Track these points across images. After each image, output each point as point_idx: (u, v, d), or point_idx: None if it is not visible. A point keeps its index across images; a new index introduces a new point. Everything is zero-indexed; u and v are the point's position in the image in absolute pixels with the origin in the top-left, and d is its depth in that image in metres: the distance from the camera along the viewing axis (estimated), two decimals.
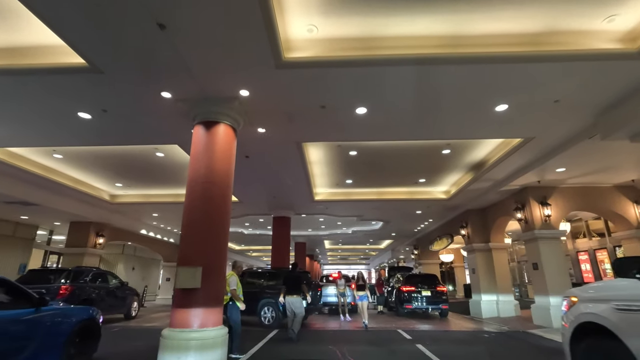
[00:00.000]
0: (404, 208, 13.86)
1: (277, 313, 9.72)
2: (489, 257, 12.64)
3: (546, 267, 9.53)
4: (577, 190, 10.19)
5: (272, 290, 9.96)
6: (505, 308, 11.89)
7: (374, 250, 31.45)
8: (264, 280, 10.78)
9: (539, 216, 9.95)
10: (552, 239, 9.81)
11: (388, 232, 20.45)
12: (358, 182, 11.49)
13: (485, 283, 12.42)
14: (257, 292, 10.12)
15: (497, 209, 12.12)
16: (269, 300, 9.87)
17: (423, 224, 17.49)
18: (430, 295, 12.16)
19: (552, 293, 9.32)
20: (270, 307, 9.84)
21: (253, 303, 9.63)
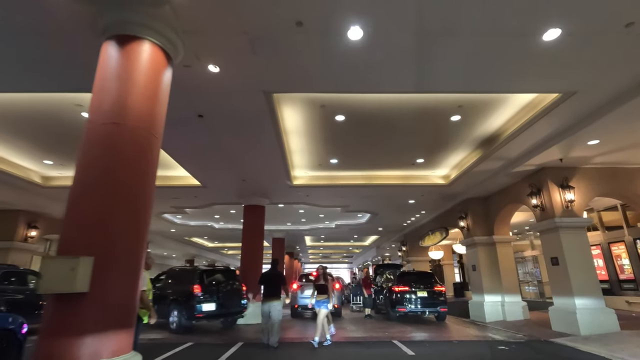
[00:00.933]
0: (395, 196, 12.08)
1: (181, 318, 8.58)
2: (493, 251, 11.02)
3: (570, 263, 7.92)
4: (602, 172, 8.65)
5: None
6: (512, 310, 10.29)
7: (357, 247, 29.74)
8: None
9: (560, 202, 8.34)
10: (576, 229, 8.22)
11: (375, 227, 18.70)
12: (345, 163, 9.60)
13: (489, 281, 10.79)
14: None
15: (504, 196, 10.50)
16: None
17: (414, 216, 15.80)
18: (426, 296, 10.42)
19: (578, 293, 7.71)
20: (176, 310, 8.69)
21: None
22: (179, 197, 12.10)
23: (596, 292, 7.78)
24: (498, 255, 10.84)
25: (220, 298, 8.92)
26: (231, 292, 9.35)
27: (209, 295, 8.70)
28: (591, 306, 7.64)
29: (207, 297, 8.64)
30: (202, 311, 8.39)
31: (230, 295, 9.28)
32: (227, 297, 9.14)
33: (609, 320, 7.55)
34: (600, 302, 7.72)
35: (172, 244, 22.65)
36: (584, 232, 8.23)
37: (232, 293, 9.36)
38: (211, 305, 8.61)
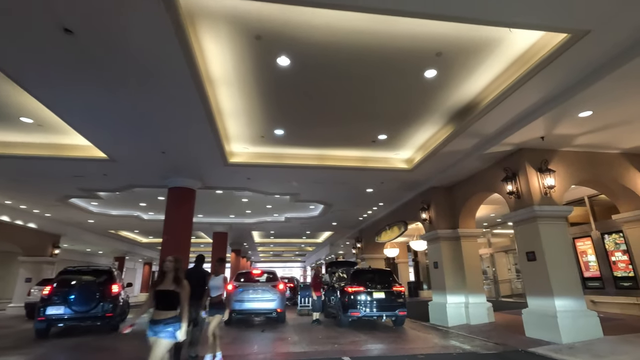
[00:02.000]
0: (352, 183, 10.51)
1: None
2: (457, 247, 9.84)
3: (549, 258, 6.78)
4: (582, 157, 7.69)
5: None
6: (476, 313, 9.12)
7: (310, 244, 28.10)
8: None
9: (538, 188, 7.22)
10: (556, 219, 7.12)
11: (328, 221, 17.11)
12: (293, 135, 7.80)
13: (452, 280, 9.57)
14: None
15: (473, 184, 9.33)
16: None
17: (371, 209, 14.41)
18: (384, 297, 8.93)
19: (559, 293, 6.58)
20: None
21: None
22: (83, 176, 9.53)
23: (577, 292, 6.71)
24: (463, 250, 9.66)
25: (74, 300, 7.77)
26: (87, 293, 8.10)
27: (58, 298, 7.62)
28: (573, 308, 6.55)
29: (56, 300, 7.58)
30: (46, 315, 7.43)
31: (85, 296, 8.03)
32: (81, 300, 7.94)
33: (592, 324, 6.50)
34: (581, 303, 6.66)
35: (94, 238, 19.38)
36: (565, 223, 7.17)
37: (88, 294, 8.08)
38: (59, 308, 7.52)
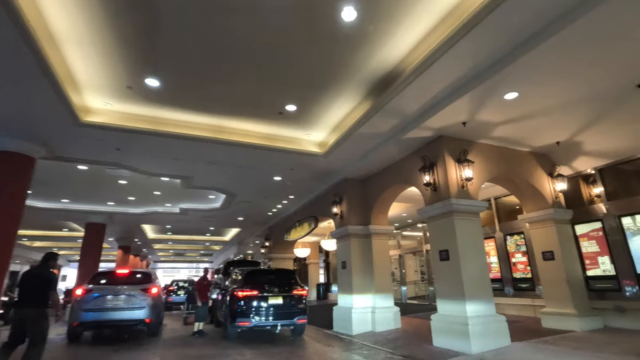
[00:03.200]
0: (257, 166, 8.88)
1: None
2: (367, 245, 8.89)
3: (463, 257, 6.07)
4: (497, 152, 7.29)
5: None
6: (383, 318, 8.23)
7: (217, 243, 25.52)
8: None
9: (456, 180, 6.53)
10: (471, 215, 6.49)
11: (234, 216, 15.15)
12: (175, 91, 5.90)
13: (360, 282, 8.57)
14: None
15: (388, 176, 8.47)
16: None
17: (281, 202, 12.93)
18: (281, 303, 7.46)
19: (472, 297, 5.88)
20: None
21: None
22: None
23: (489, 295, 6.10)
24: (373, 249, 8.74)
25: None
26: None
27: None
28: (484, 313, 5.89)
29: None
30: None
31: None
32: None
33: (501, 330, 5.92)
34: (492, 307, 6.06)
35: None
36: (479, 220, 6.58)
37: None
38: None
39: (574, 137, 7.02)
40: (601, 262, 7.19)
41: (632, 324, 6.64)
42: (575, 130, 6.73)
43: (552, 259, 7.30)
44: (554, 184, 7.61)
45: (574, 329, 6.72)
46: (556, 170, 7.63)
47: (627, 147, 6.92)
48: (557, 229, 7.36)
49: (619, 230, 6.96)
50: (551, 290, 7.31)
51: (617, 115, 6.16)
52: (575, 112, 6.04)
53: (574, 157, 7.64)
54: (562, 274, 7.11)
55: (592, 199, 7.72)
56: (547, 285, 7.41)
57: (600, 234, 7.27)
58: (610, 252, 7.04)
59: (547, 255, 7.39)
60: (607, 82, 5.14)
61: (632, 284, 6.65)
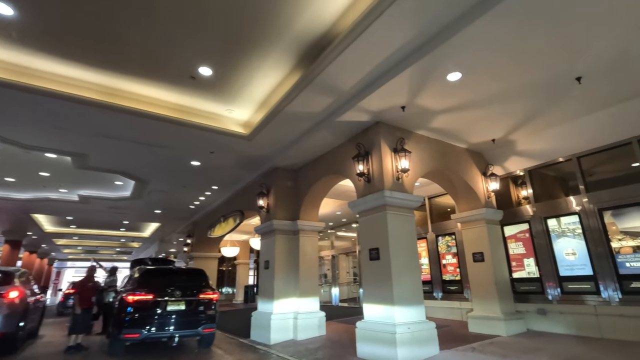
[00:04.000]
0: (169, 146, 7.48)
1: None
2: (294, 243, 7.97)
3: (395, 256, 5.41)
4: (435, 145, 6.84)
5: None
6: (306, 325, 7.34)
7: (135, 239, 22.77)
8: None
9: (391, 170, 5.89)
10: (405, 210, 5.88)
11: (150, 208, 13.28)
12: (46, 27, 4.40)
13: (283, 285, 7.60)
14: None
15: (321, 166, 7.65)
16: None
17: (204, 194, 11.48)
18: (183, 309, 6.17)
19: (402, 301, 5.23)
20: None
21: None
22: None
23: (419, 300, 5.52)
24: (300, 247, 7.83)
25: None
26: None
27: None
28: (413, 319, 5.27)
29: None
30: None
31: None
32: None
33: (430, 338, 5.36)
34: (422, 313, 5.48)
35: None
36: (413, 217, 6.01)
37: None
38: None
39: (509, 135, 6.84)
40: (527, 264, 7.09)
41: (553, 327, 6.57)
42: (510, 127, 6.52)
43: (482, 260, 7.05)
44: (487, 184, 7.40)
45: (500, 334, 6.46)
46: (490, 169, 7.44)
47: (554, 149, 6.91)
48: (488, 230, 7.14)
49: (544, 232, 6.91)
50: (479, 292, 7.04)
51: (550, 114, 6.03)
52: (513, 106, 5.75)
53: (507, 157, 7.52)
54: (491, 276, 6.86)
55: (520, 200, 7.67)
56: (476, 288, 7.14)
57: (527, 235, 7.18)
58: (536, 254, 6.97)
59: (477, 256, 7.13)
60: (548, 72, 4.83)
61: (555, 286, 6.59)
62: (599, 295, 6.02)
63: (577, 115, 6.09)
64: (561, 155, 6.89)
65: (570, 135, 6.48)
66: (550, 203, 6.97)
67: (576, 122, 6.21)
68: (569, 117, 6.13)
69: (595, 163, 6.61)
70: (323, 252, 17.36)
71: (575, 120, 6.20)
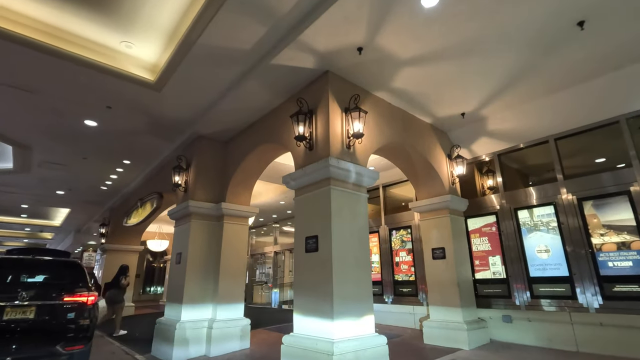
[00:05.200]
0: (44, 91, 5.41)
1: None
2: (215, 231, 6.28)
3: (339, 248, 3.98)
4: (396, 114, 5.55)
5: None
6: (224, 335, 5.67)
7: (44, 229, 19.36)
8: None
9: (340, 135, 4.46)
10: (356, 187, 4.47)
11: (48, 187, 10.73)
12: None
13: (196, 284, 5.88)
14: None
15: (255, 135, 6.03)
16: None
17: (115, 170, 9.28)
18: (33, 319, 4.22)
19: (343, 309, 3.80)
20: None
21: None
22: None
23: (368, 308, 4.13)
24: (224, 238, 6.15)
25: None
26: None
27: None
28: (359, 334, 3.87)
29: None
30: None
31: None
32: None
33: (380, 356, 3.97)
34: (371, 325, 4.09)
35: None
36: (365, 197, 4.61)
37: None
38: None
39: (481, 109, 5.74)
40: (492, 262, 6.06)
41: (520, 337, 5.57)
42: (483, 98, 5.41)
43: (443, 257, 5.88)
44: (452, 167, 6.28)
45: (461, 346, 5.31)
46: (455, 151, 6.32)
47: (529, 129, 5.94)
48: (452, 222, 6.00)
49: (513, 226, 5.91)
50: (438, 296, 5.87)
51: (529, 81, 4.98)
52: (490, 64, 4.60)
53: (475, 137, 6.46)
54: (452, 276, 5.72)
55: (485, 190, 6.66)
56: (434, 290, 5.96)
57: (493, 229, 6.16)
58: (503, 251, 5.95)
59: (438, 252, 5.96)
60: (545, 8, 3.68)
61: (524, 288, 5.59)
62: (575, 300, 5.08)
63: (559, 87, 5.11)
64: (536, 137, 5.93)
65: (547, 111, 5.52)
66: (522, 192, 5.99)
67: (556, 96, 5.25)
68: (549, 88, 5.14)
69: (576, 146, 5.72)
70: (266, 248, 15.68)
71: (554, 95, 5.24)
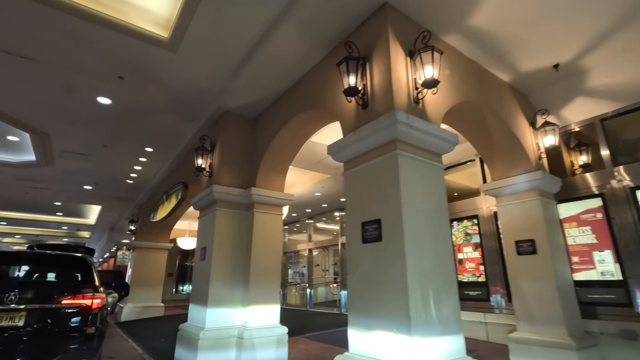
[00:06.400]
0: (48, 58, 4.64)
1: None
2: (246, 222, 5.30)
3: (413, 233, 2.82)
4: (469, 67, 4.30)
5: None
6: (257, 345, 4.66)
7: (81, 227, 19.55)
8: None
9: (406, 84, 3.29)
10: (430, 155, 3.30)
11: (74, 182, 10.32)
12: None
13: (223, 283, 4.93)
14: None
15: (290, 104, 4.99)
16: None
17: (138, 159, 8.59)
18: (22, 326, 3.39)
19: (422, 322, 2.63)
20: None
21: None
22: None
23: (456, 319, 2.95)
24: (255, 230, 5.16)
25: None
26: None
27: None
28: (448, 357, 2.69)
29: None
30: None
31: None
32: None
33: None
34: (460, 344, 2.90)
35: None
36: (442, 167, 3.41)
37: None
38: None
39: (584, 55, 4.36)
40: (598, 259, 4.64)
41: None
42: (593, 37, 4.04)
43: (533, 252, 4.55)
44: (538, 138, 4.92)
45: None
46: (542, 117, 4.95)
47: None
48: (542, 206, 4.64)
49: (632, 211, 4.46)
50: (528, 302, 4.54)
51: None
52: None
53: (567, 99, 5.05)
54: (549, 276, 4.37)
55: (574, 169, 5.21)
56: (522, 295, 4.62)
57: (599, 216, 4.73)
58: (616, 245, 4.51)
59: (525, 246, 4.63)
60: None
61: None
62: None
63: None
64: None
65: None
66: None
67: None
68: None
69: None
70: (299, 246, 14.70)
71: None
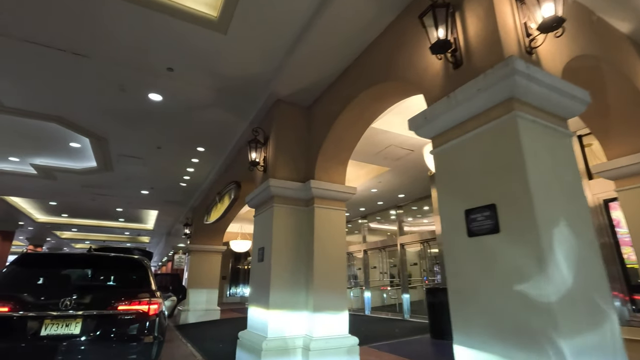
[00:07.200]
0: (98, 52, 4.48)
1: None
2: (305, 218, 4.78)
3: (544, 221, 2.06)
4: (583, 14, 3.40)
5: None
6: (325, 357, 4.10)
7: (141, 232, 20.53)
8: None
9: (514, 29, 2.53)
10: (556, 120, 2.51)
11: (132, 187, 10.57)
12: None
13: (284, 287, 4.42)
14: None
15: (351, 83, 4.40)
16: None
17: (190, 160, 8.48)
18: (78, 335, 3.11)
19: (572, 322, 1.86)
20: None
21: None
22: None
23: (614, 327, 2.13)
24: (316, 227, 4.61)
25: None
26: None
27: None
28: None
29: None
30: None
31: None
32: None
33: None
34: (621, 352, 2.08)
35: None
36: (571, 135, 2.60)
37: None
38: None
39: None
40: None
41: None
42: None
43: None
44: None
45: None
46: None
47: None
48: None
49: None
50: None
51: None
52: None
53: None
54: None
55: None
56: None
57: None
58: None
59: None
60: None
61: None
62: None
63: None
64: None
65: None
66: None
67: None
68: None
69: None
70: (353, 247, 14.04)
71: None
